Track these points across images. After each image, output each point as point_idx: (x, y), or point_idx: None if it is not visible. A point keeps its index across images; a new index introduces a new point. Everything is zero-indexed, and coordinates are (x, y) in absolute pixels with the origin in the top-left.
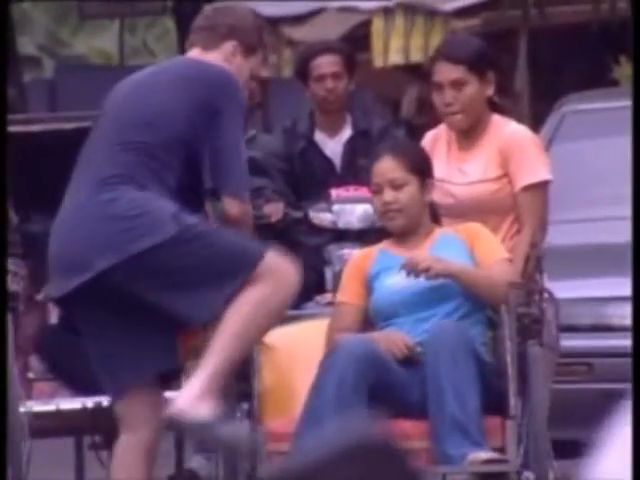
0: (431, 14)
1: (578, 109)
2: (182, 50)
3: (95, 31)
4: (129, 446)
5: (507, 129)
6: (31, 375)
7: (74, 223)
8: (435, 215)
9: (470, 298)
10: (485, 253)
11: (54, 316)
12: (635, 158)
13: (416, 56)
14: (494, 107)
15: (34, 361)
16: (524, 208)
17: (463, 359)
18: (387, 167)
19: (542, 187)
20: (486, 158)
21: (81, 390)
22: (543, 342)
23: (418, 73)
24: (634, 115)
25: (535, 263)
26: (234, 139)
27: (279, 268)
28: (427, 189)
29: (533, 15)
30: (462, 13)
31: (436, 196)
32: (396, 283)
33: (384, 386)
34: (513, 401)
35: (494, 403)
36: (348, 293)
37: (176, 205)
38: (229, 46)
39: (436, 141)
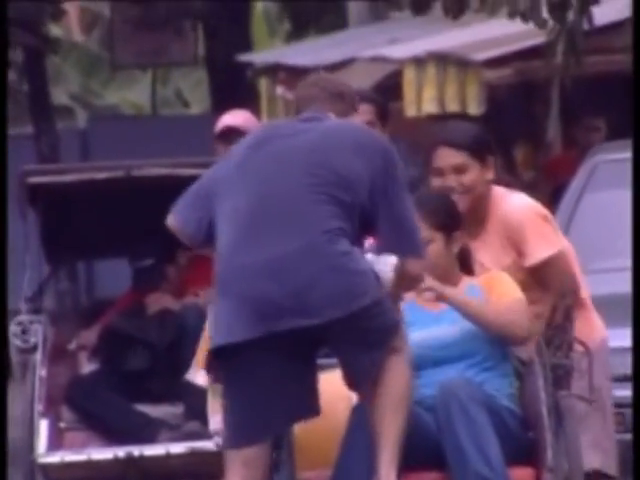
0: (463, 64)
1: (610, 159)
2: (215, 100)
3: (126, 83)
4: None
5: (505, 208)
6: (62, 425)
7: (297, 267)
8: (466, 263)
9: (494, 351)
10: (498, 295)
11: (85, 366)
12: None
13: (452, 106)
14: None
15: (65, 411)
16: (545, 280)
17: (475, 412)
18: None
19: (556, 257)
20: (496, 245)
21: (113, 440)
22: (572, 393)
23: None
24: (635, 119)
25: (565, 313)
26: (407, 202)
27: (404, 334)
28: (454, 242)
29: (571, 64)
30: (494, 63)
31: None
32: (419, 338)
33: (412, 434)
34: (551, 453)
35: (523, 454)
36: None
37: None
38: (357, 118)
39: None
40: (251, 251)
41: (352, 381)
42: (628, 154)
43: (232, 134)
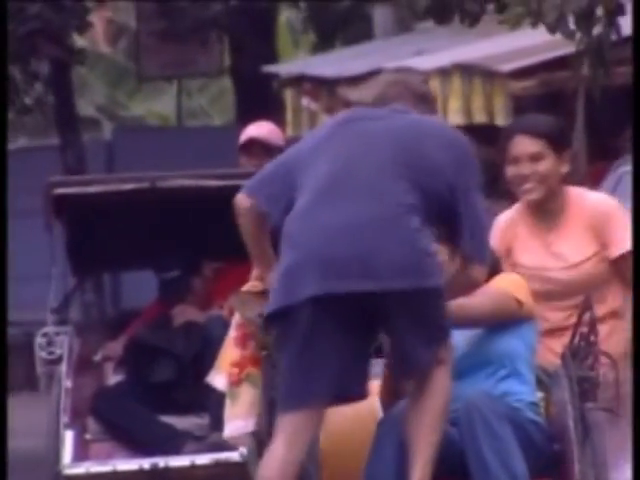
0: (489, 75)
1: None
2: (240, 111)
3: (152, 94)
4: (284, 463)
5: (588, 201)
6: (88, 436)
7: (369, 233)
8: (494, 271)
9: (507, 360)
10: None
11: (110, 377)
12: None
13: (478, 117)
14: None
15: (91, 422)
16: (625, 273)
17: (498, 427)
18: None
19: None
20: (577, 236)
21: (138, 451)
22: (599, 405)
23: (477, 134)
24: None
25: (590, 324)
26: (482, 207)
27: (451, 346)
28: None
29: (599, 76)
30: (520, 74)
31: (533, 284)
32: None
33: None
34: (578, 467)
35: (548, 466)
36: None
37: None
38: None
39: (515, 227)
40: (326, 212)
41: (399, 370)
42: None
43: (255, 146)
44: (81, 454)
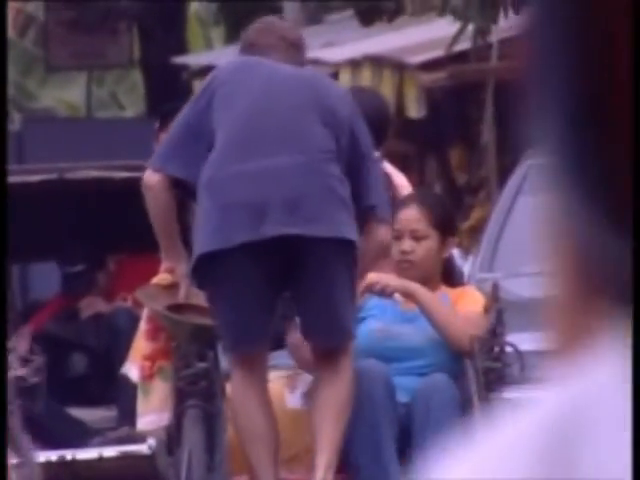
0: (399, 67)
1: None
2: (150, 101)
3: (62, 83)
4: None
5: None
6: None
7: (293, 179)
8: (449, 274)
9: (441, 356)
10: (461, 306)
11: (17, 370)
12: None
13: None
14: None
15: None
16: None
17: (448, 417)
18: (411, 217)
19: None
20: None
21: (46, 443)
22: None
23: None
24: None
25: (497, 316)
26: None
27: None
28: (446, 246)
29: (500, 68)
30: (429, 66)
31: None
32: (377, 330)
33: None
34: None
35: None
36: None
37: None
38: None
39: None
40: (246, 159)
41: (319, 333)
42: None
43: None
44: None
